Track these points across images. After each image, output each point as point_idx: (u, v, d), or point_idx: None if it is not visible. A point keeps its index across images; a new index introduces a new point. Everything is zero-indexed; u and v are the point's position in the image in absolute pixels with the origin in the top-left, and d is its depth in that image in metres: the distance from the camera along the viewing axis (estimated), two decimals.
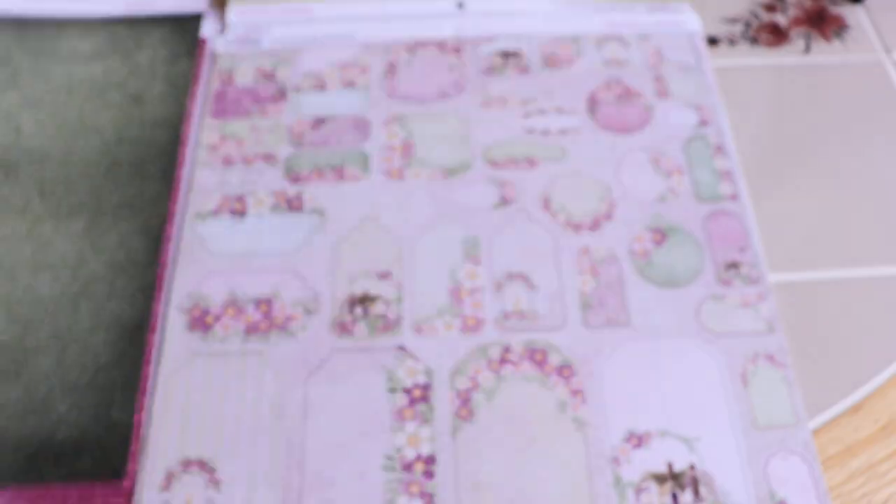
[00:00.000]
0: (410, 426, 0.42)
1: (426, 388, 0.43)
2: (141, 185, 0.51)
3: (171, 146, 0.53)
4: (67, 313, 0.46)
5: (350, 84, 0.56)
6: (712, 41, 0.60)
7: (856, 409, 0.44)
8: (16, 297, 0.47)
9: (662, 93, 0.55)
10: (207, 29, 0.59)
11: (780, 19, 0.61)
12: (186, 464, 0.41)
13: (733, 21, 0.61)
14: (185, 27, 0.59)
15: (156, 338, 0.45)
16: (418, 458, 0.41)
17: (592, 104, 0.55)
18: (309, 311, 0.46)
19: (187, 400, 0.43)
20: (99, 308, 0.46)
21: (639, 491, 0.40)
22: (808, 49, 0.59)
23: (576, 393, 0.43)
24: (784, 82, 0.57)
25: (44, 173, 0.51)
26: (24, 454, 0.42)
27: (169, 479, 0.41)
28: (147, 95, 0.55)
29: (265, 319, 0.45)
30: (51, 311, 0.46)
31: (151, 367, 0.44)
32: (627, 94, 0.55)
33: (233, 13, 0.60)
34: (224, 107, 0.55)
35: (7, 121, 0.54)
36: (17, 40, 0.58)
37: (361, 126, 0.54)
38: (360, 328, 0.45)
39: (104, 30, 0.59)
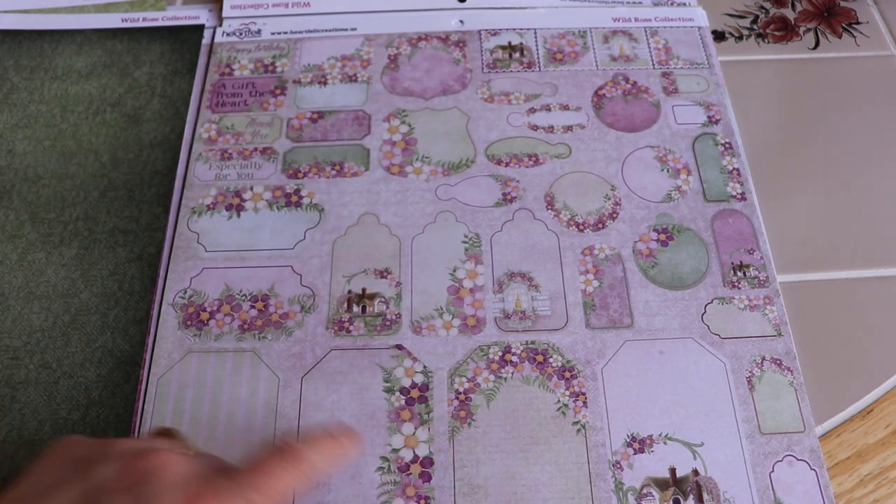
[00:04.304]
0: (407, 427, 0.41)
1: (424, 388, 0.42)
2: (136, 211, 0.50)
3: (169, 169, 0.52)
4: (58, 345, 0.45)
5: (351, 77, 0.55)
6: (719, 36, 0.58)
7: (866, 412, 0.43)
8: (5, 327, 0.46)
9: (670, 90, 0.54)
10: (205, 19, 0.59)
11: (789, 13, 0.60)
12: None
13: (740, 15, 0.60)
14: (184, 42, 0.58)
15: (150, 336, 0.44)
16: (415, 459, 0.40)
17: (598, 100, 0.54)
18: (306, 309, 0.45)
19: (180, 397, 0.42)
20: (91, 340, 0.45)
21: (640, 496, 0.39)
22: (817, 44, 0.58)
23: (577, 395, 0.42)
24: (792, 78, 0.56)
25: (36, 196, 0.50)
26: None
27: None
28: (144, 114, 0.54)
29: (261, 316, 0.45)
30: (41, 342, 0.45)
31: (145, 366, 0.43)
32: (635, 91, 0.54)
33: (229, 4, 0.59)
34: (222, 99, 0.54)
35: (0, 141, 0.53)
36: (10, 56, 0.57)
37: (362, 120, 0.53)
38: (358, 326, 0.44)
39: (101, 45, 0.58)
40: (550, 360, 0.43)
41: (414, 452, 0.41)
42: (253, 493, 0.31)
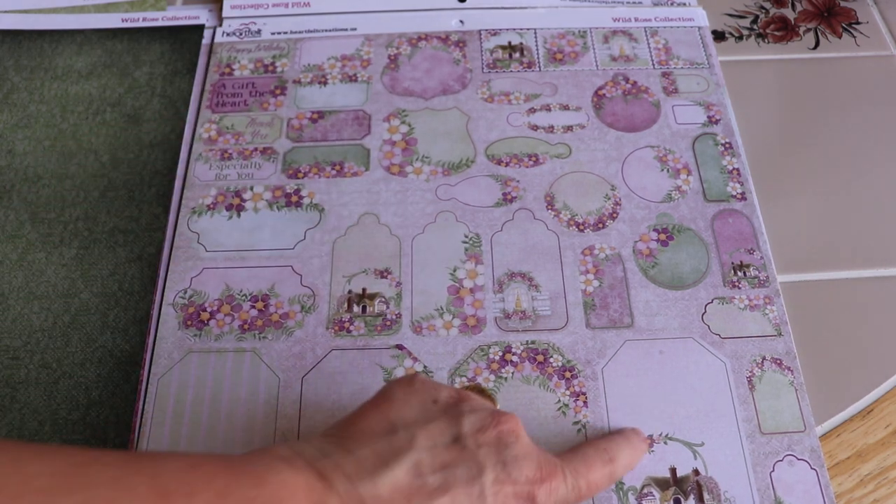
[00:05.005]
0: None
1: None
2: (136, 211, 0.50)
3: (169, 169, 0.52)
4: (58, 345, 0.45)
5: (351, 78, 0.55)
6: (719, 36, 0.58)
7: (866, 412, 0.43)
8: (5, 327, 0.46)
9: (670, 90, 0.54)
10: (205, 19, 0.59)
11: (789, 13, 0.60)
12: None
13: (740, 15, 0.60)
14: (184, 42, 0.58)
15: (150, 336, 0.44)
16: None
17: (598, 100, 0.54)
18: (306, 309, 0.45)
19: (181, 397, 0.42)
20: (91, 340, 0.45)
21: (641, 496, 0.39)
22: (817, 44, 0.58)
23: (577, 395, 0.42)
24: (792, 78, 0.56)
25: (36, 196, 0.50)
26: None
27: None
28: (144, 114, 0.54)
29: (261, 316, 0.45)
30: (41, 342, 0.45)
31: (146, 366, 0.43)
32: (635, 91, 0.54)
33: (229, 4, 0.59)
34: (222, 99, 0.54)
35: (0, 141, 0.53)
36: (10, 56, 0.57)
37: (362, 120, 0.53)
38: (358, 326, 0.44)
39: (101, 45, 0.58)
40: (551, 359, 0.43)
41: None
42: (582, 480, 0.35)
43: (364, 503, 0.29)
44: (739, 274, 0.46)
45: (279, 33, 0.58)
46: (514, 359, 0.43)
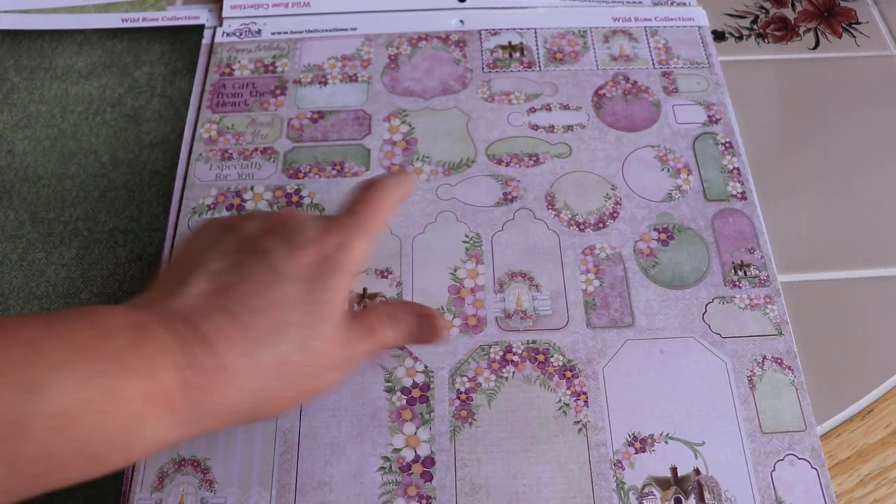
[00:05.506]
0: (409, 427, 0.41)
1: (425, 388, 0.42)
2: (136, 211, 0.50)
3: (169, 169, 0.52)
4: None
5: (351, 77, 0.55)
6: (719, 36, 0.59)
7: (866, 412, 0.43)
8: None
9: (670, 89, 0.54)
10: (205, 19, 0.59)
11: (789, 13, 0.60)
12: (180, 463, 0.40)
13: (740, 15, 0.60)
14: (184, 42, 0.58)
15: None
16: (416, 459, 0.40)
17: (599, 100, 0.54)
18: None
19: None
20: None
21: (642, 496, 0.39)
22: (817, 44, 0.58)
23: (578, 395, 0.42)
24: (792, 78, 0.56)
25: (36, 196, 0.50)
26: None
27: (161, 478, 0.40)
28: (144, 114, 0.54)
29: None
30: None
31: None
32: (635, 91, 0.54)
33: (229, 4, 0.59)
34: (222, 99, 0.54)
35: (0, 141, 0.53)
36: (10, 56, 0.57)
37: (362, 120, 0.53)
38: None
39: (101, 45, 0.58)
40: (551, 359, 0.43)
41: (415, 452, 0.41)
42: (368, 224, 0.38)
43: (173, 313, 0.33)
44: (740, 273, 0.46)
45: (279, 33, 0.58)
46: (515, 358, 0.43)
